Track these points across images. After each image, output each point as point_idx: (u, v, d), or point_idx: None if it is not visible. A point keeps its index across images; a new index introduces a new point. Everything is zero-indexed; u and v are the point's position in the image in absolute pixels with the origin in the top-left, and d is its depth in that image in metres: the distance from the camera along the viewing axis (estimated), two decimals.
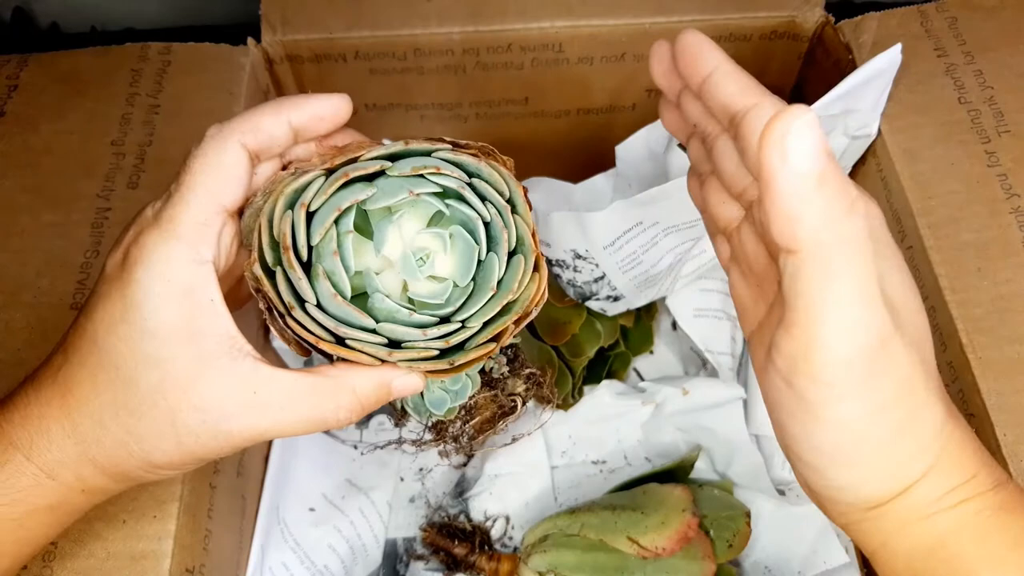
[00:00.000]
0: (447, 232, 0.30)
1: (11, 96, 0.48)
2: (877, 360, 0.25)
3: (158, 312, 0.27)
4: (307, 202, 0.28)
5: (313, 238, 0.28)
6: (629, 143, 0.53)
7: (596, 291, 0.51)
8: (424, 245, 0.30)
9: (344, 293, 0.28)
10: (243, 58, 0.50)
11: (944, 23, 0.49)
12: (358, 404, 0.29)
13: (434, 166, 0.29)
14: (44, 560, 0.35)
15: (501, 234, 0.30)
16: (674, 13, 0.51)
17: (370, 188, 0.29)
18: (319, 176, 0.29)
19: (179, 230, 0.28)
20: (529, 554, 0.47)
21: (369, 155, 0.29)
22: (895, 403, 0.26)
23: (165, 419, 0.28)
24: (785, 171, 0.22)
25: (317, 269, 0.28)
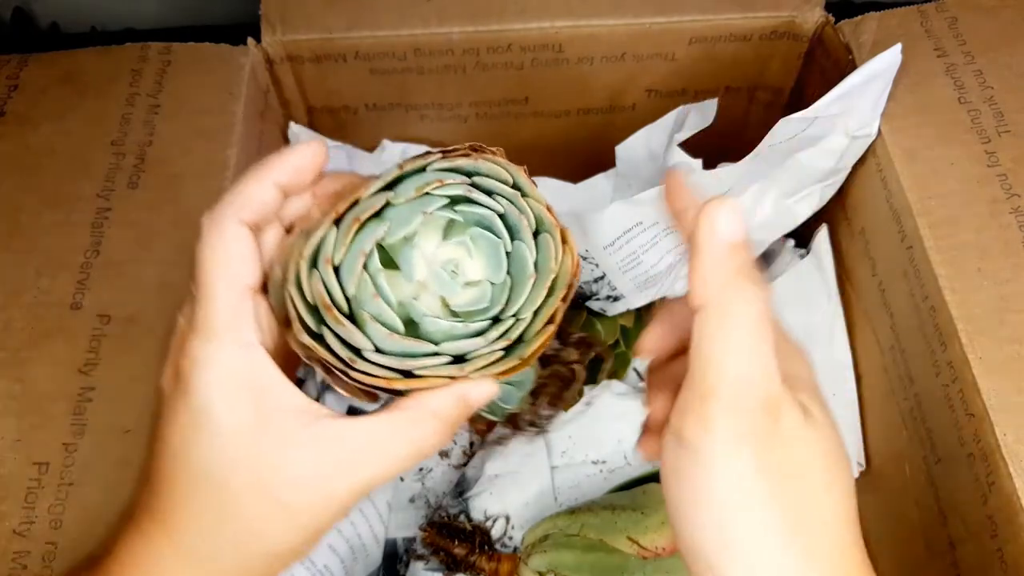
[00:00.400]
0: (466, 237, 0.30)
1: (11, 96, 0.48)
2: (769, 426, 0.26)
3: (226, 410, 0.27)
4: (329, 257, 0.28)
5: (348, 289, 0.28)
6: (629, 143, 0.53)
7: (596, 291, 0.51)
8: (449, 257, 0.30)
9: (398, 329, 0.28)
10: (243, 58, 0.50)
11: (944, 23, 0.49)
12: (443, 425, 0.29)
13: (436, 180, 0.29)
14: (44, 560, 0.35)
15: (520, 221, 0.30)
16: (674, 13, 0.51)
17: (383, 223, 0.29)
18: (330, 229, 0.29)
19: (216, 326, 0.28)
20: (529, 554, 0.47)
21: (369, 193, 0.29)
22: (788, 489, 0.26)
23: (271, 508, 0.27)
24: (710, 238, 0.26)
25: (363, 316, 0.28)
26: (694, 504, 0.26)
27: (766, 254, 0.58)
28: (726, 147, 0.57)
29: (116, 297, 0.41)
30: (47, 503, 0.36)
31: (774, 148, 0.44)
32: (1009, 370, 0.39)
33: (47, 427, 0.38)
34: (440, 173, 0.29)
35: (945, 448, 0.42)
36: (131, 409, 0.38)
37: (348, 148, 0.60)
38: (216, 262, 0.28)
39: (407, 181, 0.29)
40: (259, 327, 0.28)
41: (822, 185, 0.50)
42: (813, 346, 0.52)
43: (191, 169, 0.45)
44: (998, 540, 0.37)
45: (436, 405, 0.29)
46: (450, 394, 0.29)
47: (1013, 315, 0.40)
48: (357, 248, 0.28)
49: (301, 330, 0.28)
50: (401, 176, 0.30)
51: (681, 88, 0.56)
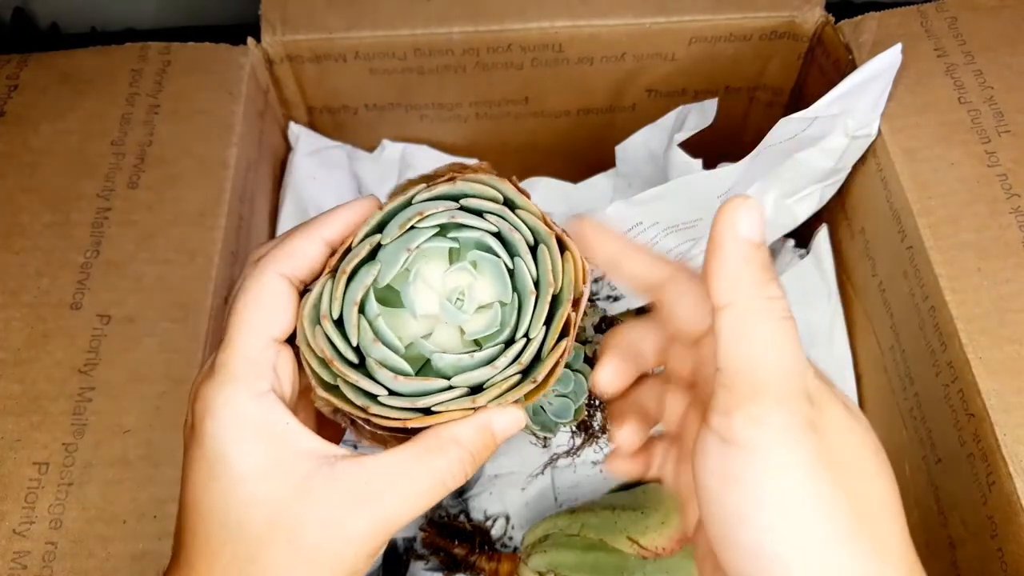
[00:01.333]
0: (466, 261, 0.30)
1: (11, 96, 0.48)
2: (817, 416, 0.25)
3: (240, 455, 0.27)
4: (327, 312, 0.28)
5: (352, 339, 0.28)
6: (629, 143, 0.53)
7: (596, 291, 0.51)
8: (455, 285, 0.30)
9: (405, 371, 0.28)
10: (243, 58, 0.50)
11: (944, 23, 0.49)
12: (467, 454, 0.29)
13: (416, 213, 0.28)
14: (44, 560, 0.35)
15: (512, 235, 0.29)
16: (674, 13, 0.51)
17: (374, 267, 0.29)
18: (326, 282, 0.29)
19: (233, 372, 0.27)
20: (529, 554, 0.47)
21: (358, 239, 0.29)
22: (848, 477, 0.25)
23: (293, 555, 0.27)
24: (732, 237, 0.26)
25: (370, 363, 0.28)
26: (755, 505, 0.25)
27: None
28: (726, 147, 0.57)
29: (116, 297, 0.41)
30: (47, 503, 0.36)
31: (774, 148, 0.44)
32: (1009, 370, 0.39)
33: (47, 427, 0.38)
34: (423, 204, 0.29)
35: (945, 448, 0.42)
36: (131, 409, 0.38)
37: (348, 148, 0.60)
38: (248, 310, 0.28)
39: (394, 219, 0.29)
40: (278, 377, 0.28)
41: (822, 185, 0.50)
42: (813, 346, 0.52)
43: (191, 169, 0.45)
44: (998, 540, 0.37)
45: (457, 433, 0.28)
46: (471, 423, 0.28)
47: (1013, 315, 0.40)
48: (350, 298, 0.28)
49: (318, 385, 0.28)
50: (389, 214, 0.29)
51: (681, 88, 0.56)
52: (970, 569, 0.40)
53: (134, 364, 0.39)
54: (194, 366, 0.40)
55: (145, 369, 0.39)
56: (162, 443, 0.38)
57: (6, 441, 0.37)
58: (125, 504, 0.36)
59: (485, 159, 0.65)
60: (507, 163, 0.62)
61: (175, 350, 0.40)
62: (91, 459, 0.37)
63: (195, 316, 0.41)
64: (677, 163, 0.49)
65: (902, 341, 0.46)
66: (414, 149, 0.61)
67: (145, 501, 0.37)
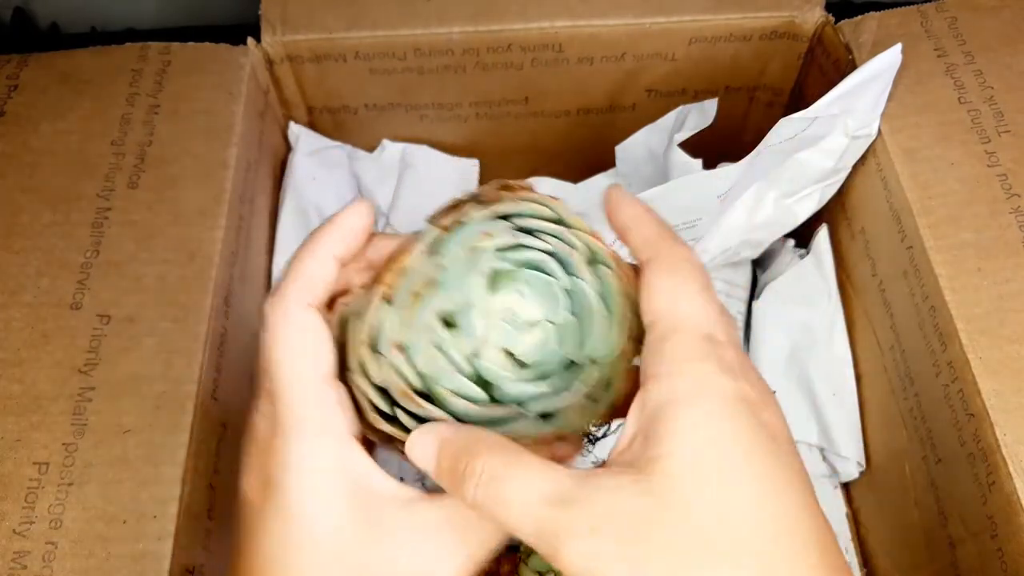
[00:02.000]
0: (517, 281, 0.29)
1: (11, 96, 0.48)
2: (732, 361, 0.25)
3: (323, 511, 0.26)
4: (396, 340, 0.27)
5: (419, 366, 0.27)
6: (629, 143, 0.53)
7: None
8: (504, 306, 0.29)
9: (481, 399, 0.27)
10: (243, 58, 0.50)
11: (944, 23, 0.49)
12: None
13: (481, 233, 0.27)
14: (44, 560, 0.35)
15: (571, 256, 0.28)
16: (674, 13, 0.51)
17: (440, 291, 0.27)
18: (381, 307, 0.27)
19: (305, 424, 0.26)
20: (529, 554, 0.47)
21: (416, 259, 0.28)
22: (768, 431, 0.25)
23: None
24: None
25: (439, 392, 0.27)
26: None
27: (766, 254, 0.58)
28: (726, 147, 0.57)
29: (116, 297, 0.41)
30: (47, 503, 0.36)
31: (774, 148, 0.44)
32: (1009, 370, 0.39)
33: (47, 427, 0.38)
34: (484, 224, 0.28)
35: (945, 448, 0.42)
36: (131, 409, 0.38)
37: (348, 148, 0.60)
38: (290, 355, 0.27)
39: (452, 240, 0.28)
40: (343, 416, 0.27)
41: (822, 185, 0.50)
42: (813, 345, 0.52)
43: (191, 169, 0.45)
44: (998, 540, 0.37)
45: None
46: (545, 452, 0.27)
47: (1013, 315, 0.40)
48: (421, 325, 0.27)
49: (378, 418, 0.27)
50: (444, 235, 0.28)
51: (681, 88, 0.56)
52: (970, 569, 0.40)
53: (134, 364, 0.39)
54: (194, 366, 0.40)
55: (145, 369, 0.39)
56: (162, 443, 0.38)
57: (6, 441, 0.37)
58: (125, 504, 0.36)
59: (485, 159, 0.66)
60: (507, 163, 0.62)
61: (175, 350, 0.40)
62: (91, 459, 0.37)
63: (195, 316, 0.41)
64: (677, 163, 0.49)
65: (902, 341, 0.46)
66: (414, 149, 0.61)
67: (145, 501, 0.37)
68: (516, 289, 0.29)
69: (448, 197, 0.30)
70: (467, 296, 0.28)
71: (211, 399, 0.41)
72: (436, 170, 0.61)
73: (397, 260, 0.28)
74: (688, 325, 0.26)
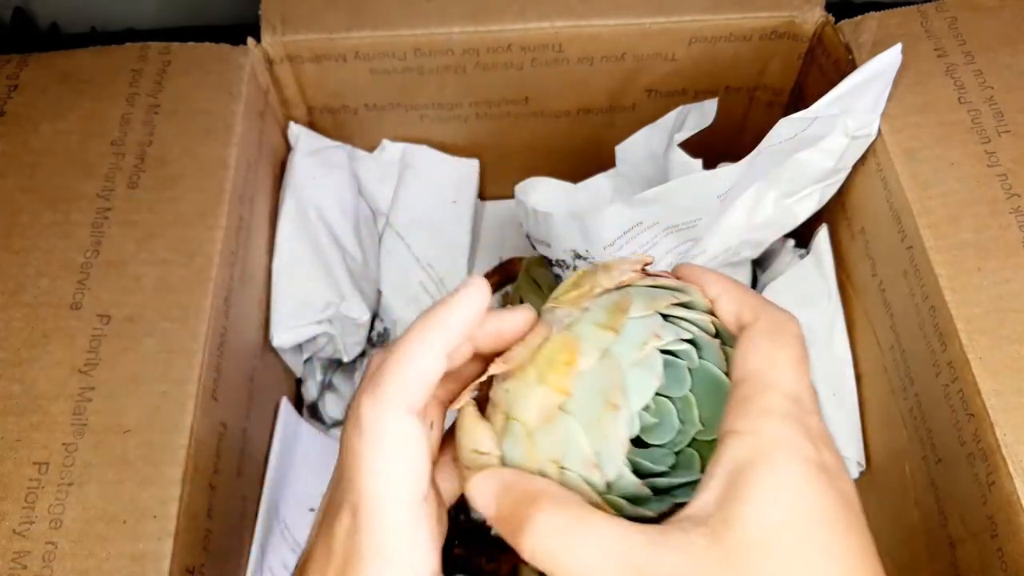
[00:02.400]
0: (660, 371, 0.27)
1: (11, 96, 0.48)
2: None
3: None
4: (592, 458, 0.25)
5: (608, 475, 0.26)
6: (629, 143, 0.53)
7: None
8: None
9: (649, 497, 0.27)
10: (243, 58, 0.50)
11: (944, 23, 0.49)
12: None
13: (651, 334, 0.26)
14: (44, 560, 0.35)
15: (708, 343, 0.28)
16: (674, 13, 0.51)
17: (627, 397, 0.26)
18: (563, 417, 0.26)
19: (391, 552, 0.25)
20: None
21: (589, 362, 0.26)
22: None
23: None
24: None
25: (615, 501, 0.26)
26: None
27: (766, 254, 0.58)
28: (726, 147, 0.57)
29: (116, 297, 0.41)
30: (47, 503, 0.36)
31: (774, 148, 0.44)
32: (1009, 370, 0.39)
33: (47, 427, 0.38)
34: (648, 322, 0.27)
35: (945, 448, 0.42)
36: (131, 409, 0.38)
37: (348, 148, 0.60)
38: (387, 471, 0.25)
39: (623, 343, 0.26)
40: (434, 538, 0.26)
41: (822, 185, 0.50)
42: (813, 345, 0.52)
43: (191, 169, 0.45)
44: (998, 540, 0.37)
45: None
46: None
47: (1013, 315, 0.40)
48: (615, 438, 0.25)
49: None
50: (610, 335, 0.26)
51: (681, 88, 0.56)
52: (970, 569, 0.40)
53: (134, 364, 0.39)
54: (194, 366, 0.40)
55: (145, 369, 0.39)
56: (162, 443, 0.38)
57: (6, 441, 0.37)
58: (125, 504, 0.36)
59: (485, 159, 0.66)
60: (507, 163, 0.62)
61: (175, 350, 0.40)
62: (91, 459, 0.37)
63: (195, 316, 0.41)
64: (677, 163, 0.49)
65: (902, 341, 0.46)
66: (414, 149, 0.61)
67: (145, 501, 0.37)
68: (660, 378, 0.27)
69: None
70: (645, 401, 0.26)
71: (211, 399, 0.41)
72: (436, 170, 0.61)
73: (559, 353, 0.26)
74: (779, 387, 0.25)
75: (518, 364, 0.27)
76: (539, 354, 0.27)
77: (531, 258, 0.57)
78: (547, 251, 0.50)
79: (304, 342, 0.54)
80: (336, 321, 0.54)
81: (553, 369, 0.26)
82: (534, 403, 0.26)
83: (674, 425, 0.28)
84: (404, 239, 0.60)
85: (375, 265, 0.60)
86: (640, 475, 0.26)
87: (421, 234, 0.60)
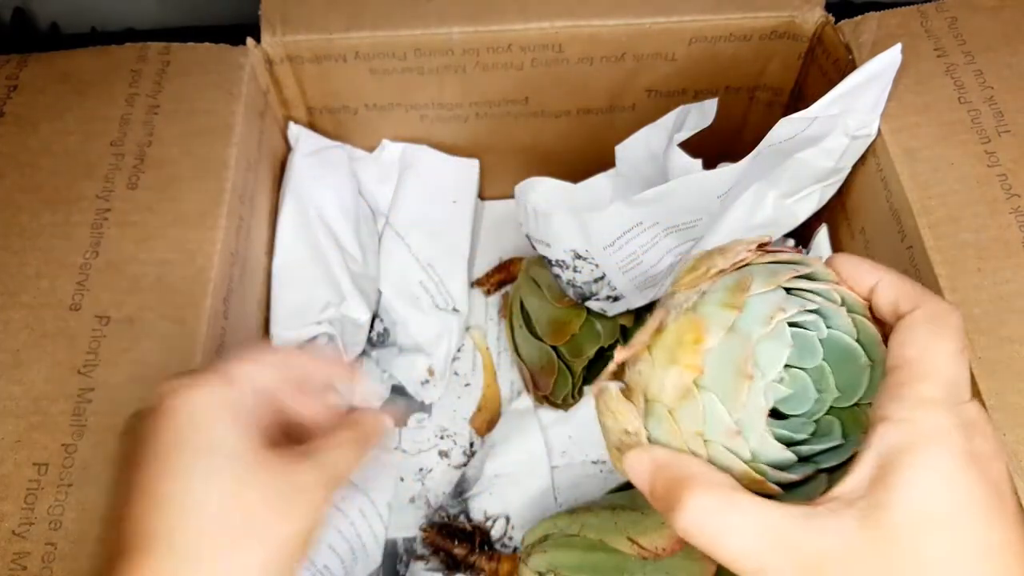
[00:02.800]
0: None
1: (11, 96, 0.48)
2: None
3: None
4: (733, 427, 0.26)
5: (752, 445, 0.27)
6: (629, 143, 0.53)
7: (596, 291, 0.51)
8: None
9: (793, 465, 0.27)
10: (243, 58, 0.50)
11: (944, 23, 0.49)
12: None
13: (777, 307, 0.27)
14: (44, 561, 0.35)
15: (835, 311, 0.28)
16: (674, 13, 0.51)
17: (759, 370, 0.26)
18: (700, 391, 0.26)
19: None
20: (529, 554, 0.47)
21: (717, 338, 0.26)
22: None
23: None
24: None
25: (763, 469, 0.27)
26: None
27: None
28: (726, 147, 0.57)
29: (115, 298, 0.41)
30: (47, 504, 0.36)
31: (774, 148, 0.44)
32: (1009, 370, 0.39)
33: (47, 428, 0.38)
34: (771, 296, 0.27)
35: None
36: (131, 409, 0.38)
37: (348, 148, 0.60)
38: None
39: (748, 318, 0.27)
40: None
41: (822, 185, 0.50)
42: None
43: (191, 169, 0.45)
44: None
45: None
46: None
47: (1013, 315, 0.40)
48: (754, 408, 0.26)
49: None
50: (734, 314, 0.27)
51: (681, 88, 0.56)
52: None
53: (134, 364, 0.39)
54: (194, 366, 0.40)
55: (145, 369, 0.39)
56: None
57: (6, 442, 0.37)
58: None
59: (485, 159, 0.66)
60: (507, 163, 0.62)
61: (175, 350, 0.40)
62: (91, 460, 0.37)
63: (195, 316, 0.41)
64: (677, 163, 0.49)
65: None
66: (414, 149, 0.61)
67: None
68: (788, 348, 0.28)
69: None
70: (777, 370, 0.27)
71: None
72: (436, 170, 0.61)
73: (681, 335, 0.27)
74: (936, 376, 0.26)
75: (642, 347, 0.28)
76: (663, 337, 0.28)
77: (531, 258, 0.57)
78: (547, 251, 0.50)
79: (304, 342, 0.54)
80: (336, 321, 0.54)
81: (682, 349, 0.27)
82: (669, 383, 0.27)
83: (811, 395, 0.28)
84: (404, 239, 0.60)
85: (375, 265, 0.60)
86: (781, 443, 0.27)
87: (421, 234, 0.60)
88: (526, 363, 0.55)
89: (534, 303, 0.55)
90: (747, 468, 0.26)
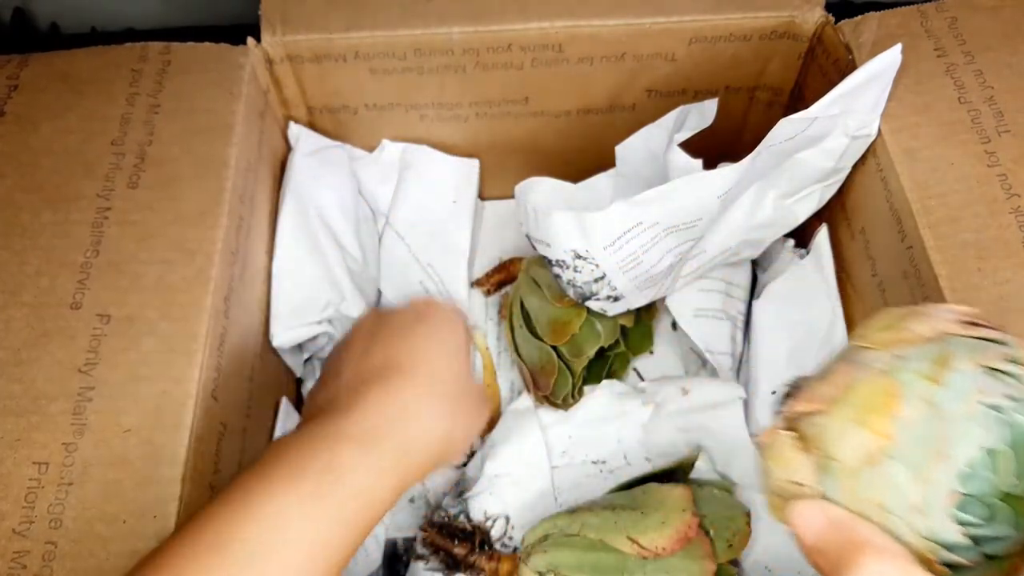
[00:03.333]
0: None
1: (11, 96, 0.48)
2: None
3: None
4: (918, 504, 0.26)
5: (935, 525, 0.26)
6: (629, 143, 0.53)
7: (596, 291, 0.51)
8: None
9: (969, 551, 0.26)
10: (243, 58, 0.50)
11: (944, 23, 0.49)
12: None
13: (977, 388, 0.26)
14: (44, 560, 0.35)
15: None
16: (674, 13, 0.51)
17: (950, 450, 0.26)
18: (892, 467, 0.26)
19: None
20: (529, 554, 0.47)
21: (915, 409, 0.26)
22: None
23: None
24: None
25: (935, 548, 0.26)
26: None
27: (766, 254, 0.58)
28: (726, 147, 0.57)
29: (116, 297, 0.41)
30: (47, 503, 0.36)
31: (774, 148, 0.44)
32: None
33: (47, 427, 0.38)
34: (975, 378, 0.26)
35: None
36: (131, 409, 0.38)
37: (348, 148, 0.60)
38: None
39: (950, 396, 0.26)
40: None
41: (822, 185, 0.50)
42: (813, 345, 0.52)
43: (191, 169, 0.45)
44: None
45: None
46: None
47: (1013, 315, 0.40)
48: (942, 487, 0.26)
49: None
50: (933, 387, 0.27)
51: (681, 88, 0.56)
52: None
53: (134, 364, 0.39)
54: (194, 366, 0.40)
55: (145, 369, 0.39)
56: (162, 443, 0.38)
57: (6, 441, 0.37)
58: (125, 504, 0.36)
59: (485, 159, 0.66)
60: (507, 163, 0.62)
61: (175, 350, 0.40)
62: (91, 459, 0.37)
63: (195, 316, 0.41)
64: (677, 163, 0.49)
65: None
66: (414, 149, 0.61)
67: (145, 501, 0.37)
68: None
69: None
70: (972, 454, 0.26)
71: (211, 399, 0.41)
72: (436, 170, 0.61)
73: (873, 397, 0.26)
74: None
75: (826, 401, 0.28)
76: (852, 394, 0.27)
77: (531, 258, 0.57)
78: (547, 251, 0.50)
79: (304, 342, 0.54)
80: (336, 321, 0.54)
81: (874, 412, 0.26)
82: (854, 444, 0.26)
83: (989, 478, 0.27)
84: (404, 239, 0.60)
85: (375, 265, 0.60)
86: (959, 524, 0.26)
87: (421, 234, 0.60)
88: (526, 363, 0.55)
89: (534, 303, 0.55)
90: (920, 545, 0.26)
